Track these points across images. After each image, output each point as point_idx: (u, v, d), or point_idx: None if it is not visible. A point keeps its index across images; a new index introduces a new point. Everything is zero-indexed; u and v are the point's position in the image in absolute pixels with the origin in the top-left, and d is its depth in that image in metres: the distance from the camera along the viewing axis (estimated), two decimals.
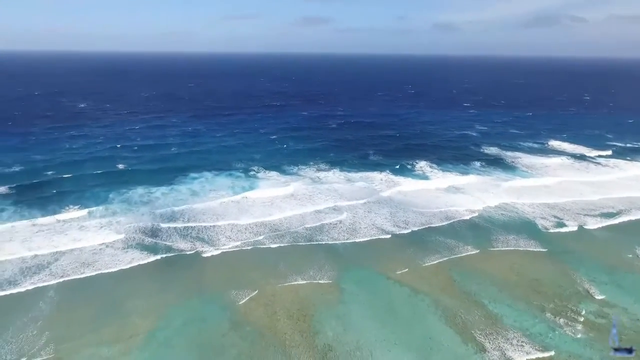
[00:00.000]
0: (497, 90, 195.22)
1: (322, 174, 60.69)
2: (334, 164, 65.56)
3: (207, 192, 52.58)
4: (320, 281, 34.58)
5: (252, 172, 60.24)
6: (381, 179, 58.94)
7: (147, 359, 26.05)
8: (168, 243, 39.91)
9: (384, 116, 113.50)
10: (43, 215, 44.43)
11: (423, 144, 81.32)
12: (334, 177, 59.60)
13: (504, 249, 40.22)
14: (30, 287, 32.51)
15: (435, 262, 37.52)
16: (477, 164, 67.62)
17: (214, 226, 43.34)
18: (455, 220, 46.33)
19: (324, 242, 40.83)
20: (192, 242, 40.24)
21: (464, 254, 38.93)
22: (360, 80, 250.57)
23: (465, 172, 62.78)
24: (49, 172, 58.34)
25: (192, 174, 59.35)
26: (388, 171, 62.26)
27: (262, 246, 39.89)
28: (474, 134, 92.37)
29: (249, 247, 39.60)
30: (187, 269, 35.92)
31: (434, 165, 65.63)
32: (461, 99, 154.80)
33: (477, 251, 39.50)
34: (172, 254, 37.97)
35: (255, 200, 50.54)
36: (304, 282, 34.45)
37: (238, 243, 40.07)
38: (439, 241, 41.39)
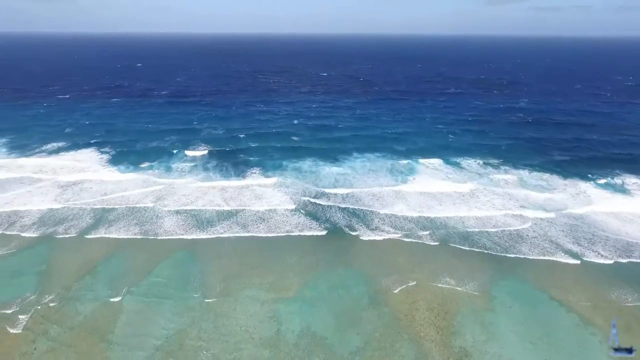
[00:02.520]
0: None
1: (493, 175, 54.33)
2: (508, 164, 58.39)
3: (367, 172, 54.43)
4: (469, 284, 32.17)
5: (413, 161, 59.08)
6: (569, 191, 49.40)
7: (293, 311, 29.39)
8: (329, 217, 43.12)
9: (582, 114, 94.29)
10: (235, 174, 54.00)
11: (634, 153, 64.74)
12: (507, 180, 52.94)
13: None
14: (219, 232, 40.06)
15: (630, 304, 30.10)
16: None
17: (372, 211, 44.16)
18: None
19: (487, 250, 37.08)
20: (351, 221, 42.21)
21: None
22: (556, 68, 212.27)
23: None
24: (242, 137, 70.84)
25: (355, 153, 62.30)
26: (580, 183, 51.94)
27: (417, 240, 38.81)
28: None
29: (406, 239, 38.91)
30: (342, 244, 38.13)
31: None
32: None
33: None
34: (332, 228, 40.87)
35: (415, 190, 49.40)
36: (452, 279, 32.64)
37: (396, 235, 39.63)
38: None
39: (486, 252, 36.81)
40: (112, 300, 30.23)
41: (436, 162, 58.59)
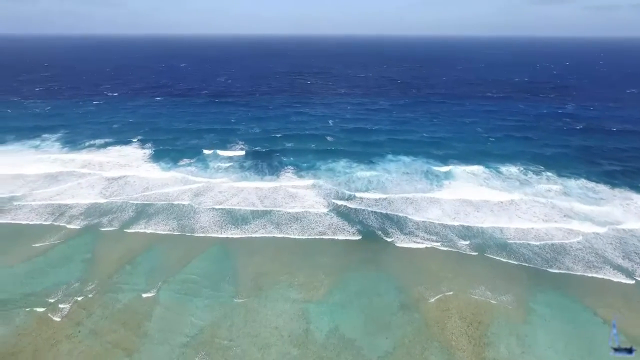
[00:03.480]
0: None
1: (536, 184, 51.65)
2: (552, 173, 55.44)
3: (401, 176, 53.57)
4: (506, 295, 30.85)
5: (450, 166, 57.41)
6: (620, 203, 46.08)
7: (323, 311, 29.43)
8: (362, 220, 42.80)
9: (637, 121, 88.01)
10: (270, 174, 54.85)
11: None
12: (551, 189, 50.26)
13: None
14: (253, 230, 40.78)
15: None
16: None
17: (406, 217, 43.33)
18: None
19: (526, 263, 35.32)
20: (385, 226, 41.67)
21: None
22: (609, 71, 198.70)
23: None
24: (278, 137, 71.90)
25: (390, 156, 61.55)
26: (632, 194, 48.41)
27: (452, 249, 37.59)
28: None
29: (441, 247, 37.75)
30: (375, 249, 37.70)
31: None
32: None
33: None
34: (365, 232, 40.49)
35: (452, 197, 47.96)
36: (488, 290, 31.40)
37: (431, 242, 38.53)
38: None
39: (525, 264, 35.13)
40: (148, 293, 31.46)
41: (475, 168, 56.62)
